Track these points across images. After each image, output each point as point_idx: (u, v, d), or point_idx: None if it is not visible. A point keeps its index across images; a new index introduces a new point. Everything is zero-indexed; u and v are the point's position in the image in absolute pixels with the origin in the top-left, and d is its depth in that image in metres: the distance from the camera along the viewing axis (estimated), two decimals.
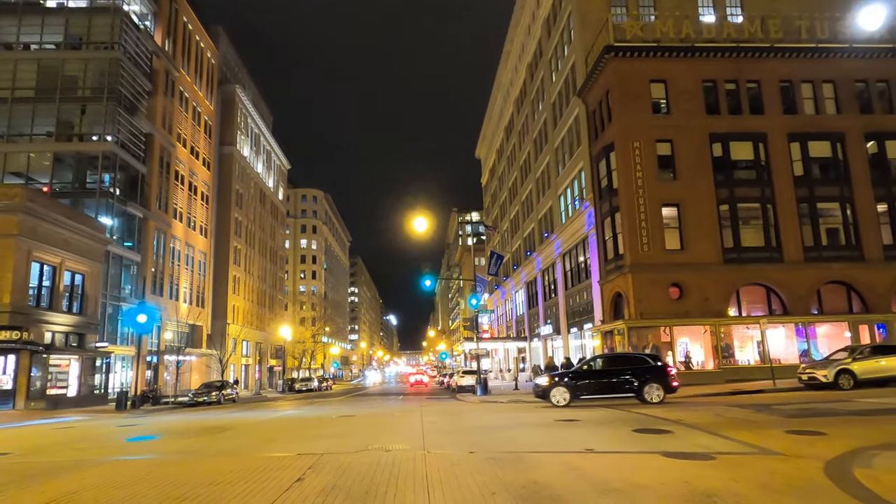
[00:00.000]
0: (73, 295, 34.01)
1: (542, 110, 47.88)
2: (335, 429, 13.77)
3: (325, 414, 19.54)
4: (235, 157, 64.54)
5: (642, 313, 28.79)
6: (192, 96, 52.84)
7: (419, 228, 28.81)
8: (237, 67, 72.54)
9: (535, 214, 51.35)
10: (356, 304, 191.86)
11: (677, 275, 29.36)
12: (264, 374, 75.25)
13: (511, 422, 13.91)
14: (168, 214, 46.97)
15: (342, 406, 26.49)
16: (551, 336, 46.19)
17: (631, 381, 18.41)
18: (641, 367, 18.58)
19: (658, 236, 29.66)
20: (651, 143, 30.64)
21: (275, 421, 17.26)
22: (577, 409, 17.02)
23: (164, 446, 11.42)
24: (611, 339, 31.95)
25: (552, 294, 46.38)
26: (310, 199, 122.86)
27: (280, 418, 18.46)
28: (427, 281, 28.12)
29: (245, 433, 13.50)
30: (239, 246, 64.94)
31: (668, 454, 8.69)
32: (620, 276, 30.33)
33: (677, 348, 29.07)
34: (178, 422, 19.06)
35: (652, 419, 13.25)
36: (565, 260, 42.31)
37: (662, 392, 18.08)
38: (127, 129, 40.61)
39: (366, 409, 21.92)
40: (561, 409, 17.64)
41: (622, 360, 19.64)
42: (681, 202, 30.12)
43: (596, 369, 19.42)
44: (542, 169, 48.51)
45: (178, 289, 49.03)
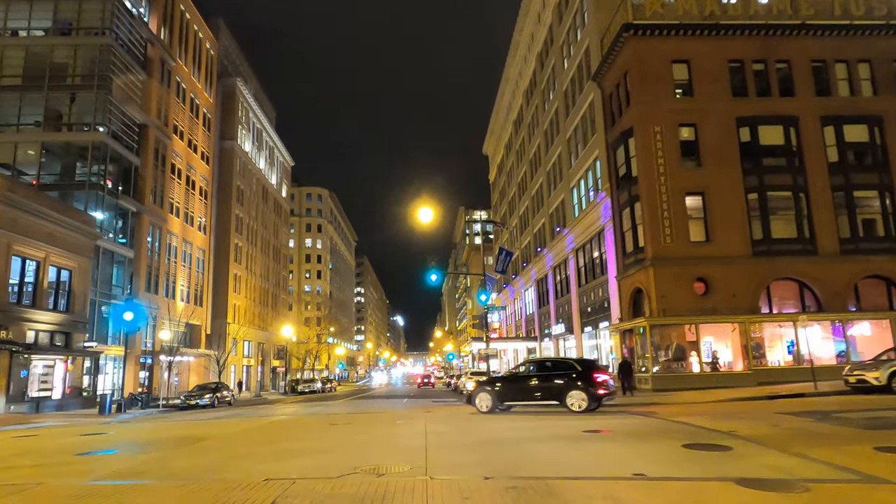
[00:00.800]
0: (58, 292, 32.20)
1: (553, 100, 45.79)
2: (324, 441, 11.76)
3: (320, 420, 17.54)
4: (236, 151, 62.76)
5: (665, 310, 26.66)
6: (189, 88, 51.04)
7: (424, 219, 26.79)
8: (238, 61, 70.81)
9: (545, 209, 49.25)
10: (362, 304, 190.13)
11: (703, 269, 27.21)
12: (267, 375, 73.45)
13: (530, 432, 11.85)
14: (164, 209, 45.14)
15: (341, 410, 24.51)
16: (563, 336, 44.05)
17: (556, 388, 17.36)
18: (567, 374, 17.47)
19: (682, 227, 27.53)
20: (673, 127, 28.51)
21: (259, 429, 15.26)
22: (607, 417, 14.95)
23: (111, 465, 9.44)
24: (630, 339, 29.81)
25: (564, 291, 44.25)
26: (315, 197, 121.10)
27: (266, 425, 16.47)
28: (433, 276, 26.03)
29: (217, 446, 11.51)
30: (240, 243, 63.14)
31: (744, 482, 6.64)
32: (641, 270, 28.20)
33: (702, 348, 26.92)
34: (154, 429, 17.12)
35: (699, 431, 11.16)
36: (578, 255, 40.18)
37: (586, 401, 16.71)
38: (119, 118, 38.80)
39: (365, 415, 19.92)
40: (586, 417, 15.54)
41: (552, 366, 18.72)
42: (706, 190, 27.96)
43: (524, 374, 18.86)
44: (553, 161, 46.42)
45: (175, 286, 47.19)
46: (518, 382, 18.51)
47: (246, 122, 67.31)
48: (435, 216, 26.37)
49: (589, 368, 17.55)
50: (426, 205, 26.82)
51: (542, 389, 17.74)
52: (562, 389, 17.18)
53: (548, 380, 17.80)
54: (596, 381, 16.98)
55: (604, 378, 17.22)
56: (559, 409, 17.21)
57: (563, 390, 17.14)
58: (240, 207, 63.28)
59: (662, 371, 26.31)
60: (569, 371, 17.64)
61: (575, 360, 18.83)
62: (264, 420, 19.02)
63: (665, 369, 26.44)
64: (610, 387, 17.38)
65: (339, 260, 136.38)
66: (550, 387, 17.54)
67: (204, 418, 22.20)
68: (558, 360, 19.43)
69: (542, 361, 19.85)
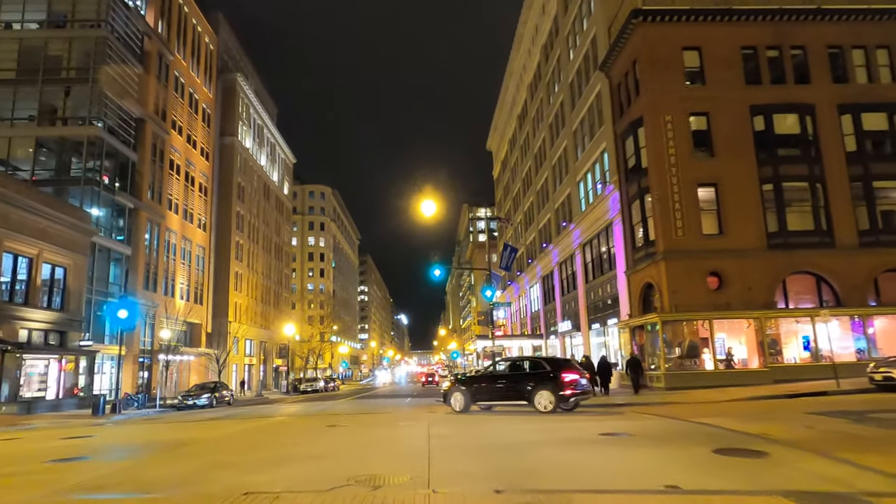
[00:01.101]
0: (53, 289, 31.42)
1: (559, 92, 44.81)
2: (319, 445, 10.87)
3: (318, 421, 16.67)
4: (237, 148, 61.91)
5: (677, 305, 25.69)
6: (188, 82, 50.20)
7: (428, 212, 25.89)
8: (239, 56, 69.94)
9: (551, 204, 48.28)
10: (366, 303, 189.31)
11: (716, 262, 26.23)
12: (269, 374, 72.70)
13: (543, 435, 10.93)
14: (162, 205, 44.32)
15: (342, 410, 23.65)
16: (570, 333, 43.11)
17: (525, 388, 17.12)
18: (536, 373, 17.34)
19: (694, 219, 26.55)
20: (684, 116, 27.52)
21: (252, 432, 14.39)
22: (623, 419, 14.03)
23: (78, 475, 8.54)
24: (640, 335, 28.85)
25: (571, 288, 43.28)
26: (317, 195, 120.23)
27: (261, 427, 15.60)
28: (437, 271, 25.13)
29: (202, 451, 10.62)
30: (241, 241, 62.32)
31: (795, 496, 5.73)
32: (651, 264, 27.23)
33: (716, 345, 25.94)
34: (142, 432, 16.28)
35: (727, 434, 10.23)
36: (585, 250, 39.21)
37: (553, 402, 16.42)
38: (115, 113, 37.97)
39: (366, 415, 19.04)
40: (601, 418, 14.64)
41: (522, 366, 18.75)
42: (719, 182, 26.97)
43: (496, 374, 18.89)
44: (558, 155, 45.44)
45: (174, 284, 46.38)
46: (490, 382, 18.45)
47: (246, 119, 66.47)
48: (438, 213, 25.48)
49: (558, 368, 17.27)
50: (429, 198, 25.94)
51: (512, 389, 17.62)
52: (531, 389, 16.95)
53: (518, 380, 17.69)
54: (564, 381, 16.68)
55: (572, 378, 16.86)
56: (577, 410, 16.38)
57: (532, 390, 16.92)
58: (241, 204, 62.46)
59: (675, 368, 25.35)
60: (538, 371, 17.49)
61: (545, 360, 18.55)
62: (261, 421, 18.15)
63: (678, 367, 25.48)
64: (581, 387, 17.04)
65: (342, 258, 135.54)
66: (520, 387, 17.34)
67: (198, 419, 21.35)
68: (529, 360, 19.19)
69: (514, 361, 19.74)
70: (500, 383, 18.14)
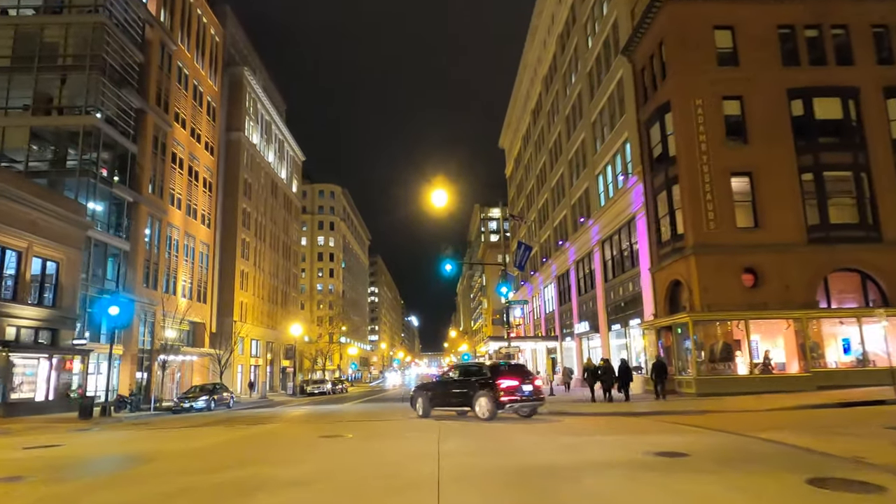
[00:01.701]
0: (44, 285, 29.87)
1: (576, 83, 42.84)
2: (308, 463, 9.04)
3: (315, 430, 14.85)
4: (243, 143, 60.40)
5: (709, 304, 23.65)
6: (192, 74, 48.69)
7: (438, 203, 24.03)
8: (247, 51, 68.52)
9: (567, 200, 46.29)
10: (376, 304, 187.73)
11: (751, 258, 24.17)
12: (276, 375, 71.10)
13: (580, 455, 9.01)
14: (164, 200, 42.77)
15: (346, 415, 21.84)
16: (588, 335, 41.06)
17: (468, 394, 17.28)
18: (478, 380, 17.32)
19: (727, 211, 24.51)
20: (716, 100, 25.49)
21: (235, 443, 12.57)
22: (667, 433, 12.07)
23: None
24: (667, 337, 26.82)
25: (589, 287, 41.26)
26: (327, 194, 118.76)
27: (247, 438, 13.79)
28: (448, 265, 23.26)
29: (163, 472, 8.79)
30: (247, 238, 60.77)
31: None
32: (680, 259, 25.21)
33: (750, 347, 23.86)
34: (115, 441, 14.54)
35: (806, 455, 8.26)
36: (605, 247, 37.20)
37: (491, 408, 16.44)
38: (114, 102, 36.44)
39: (370, 423, 17.22)
40: (647, 433, 12.70)
41: (468, 372, 18.63)
42: (754, 171, 24.91)
43: (449, 380, 19.12)
44: (575, 148, 43.46)
45: (176, 282, 44.81)
46: (444, 387, 18.76)
47: (254, 114, 64.98)
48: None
49: (495, 374, 17.07)
50: (439, 188, 24.09)
51: (459, 395, 17.79)
52: (472, 395, 17.06)
53: (464, 385, 17.77)
54: (500, 387, 16.48)
55: (509, 385, 16.59)
56: (599, 414, 14.44)
57: (473, 396, 17.04)
58: (247, 201, 60.93)
59: (707, 373, 23.29)
60: (479, 377, 17.52)
61: (488, 367, 18.37)
62: (252, 429, 16.34)
63: (710, 371, 23.42)
64: (523, 394, 16.71)
65: (352, 258, 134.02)
66: (465, 393, 17.46)
67: (187, 425, 19.61)
68: (474, 366, 19.25)
69: (465, 367, 19.84)
70: (451, 390, 18.26)
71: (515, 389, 16.68)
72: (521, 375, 17.39)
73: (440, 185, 24.09)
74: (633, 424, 14.23)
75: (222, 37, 56.71)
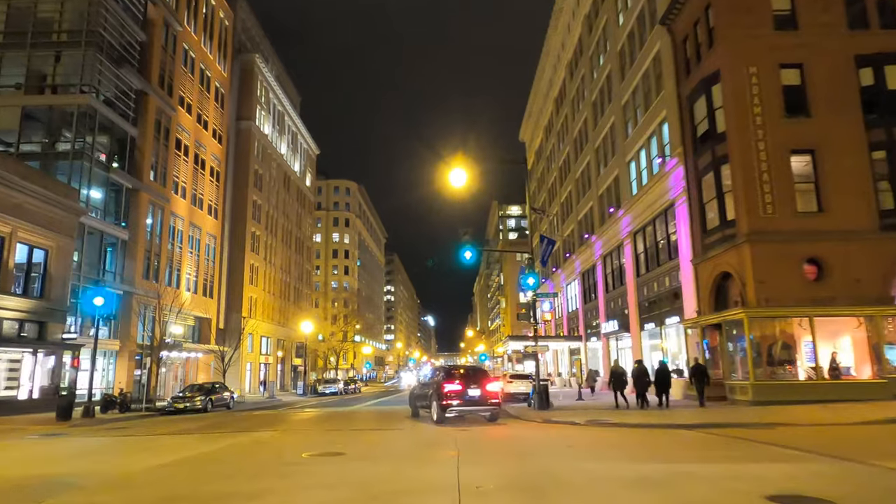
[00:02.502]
0: (30, 274, 27.67)
1: (604, 64, 39.90)
2: (276, 496, 6.37)
3: (310, 442, 12.25)
4: (254, 133, 58.17)
5: (766, 299, 20.66)
6: (199, 58, 46.45)
7: (457, 183, 21.33)
8: (259, 38, 66.35)
9: (593, 191, 43.35)
10: (392, 303, 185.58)
11: (814, 247, 21.16)
12: (288, 374, 68.88)
13: (672, 498, 6.23)
14: (167, 188, 40.52)
15: (352, 419, 19.24)
16: (617, 334, 38.09)
17: (430, 397, 17.81)
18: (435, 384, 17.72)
19: (786, 194, 21.50)
20: (773, 68, 22.47)
21: (191, 464, 9.93)
22: (749, 461, 9.24)
23: None
24: (713, 336, 23.87)
25: (618, 283, 38.29)
26: (342, 190, 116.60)
27: (225, 451, 11.23)
28: (467, 252, 20.57)
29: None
30: (258, 232, 58.54)
31: None
32: (731, 249, 22.24)
33: (816, 349, 20.83)
34: (73, 451, 12.08)
35: None
36: (636, 239, 34.24)
37: (437, 413, 16.95)
38: (112, 82, 34.23)
39: (376, 433, 14.59)
40: (732, 460, 9.89)
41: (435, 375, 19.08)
42: (816, 148, 21.87)
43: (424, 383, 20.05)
44: (603, 134, 40.52)
45: (180, 275, 42.57)
46: (422, 390, 19.43)
47: (266, 104, 62.76)
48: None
49: (445, 379, 17.44)
50: (458, 167, 21.38)
51: (425, 398, 18.42)
52: (431, 399, 17.54)
53: (429, 388, 18.32)
54: (443, 392, 16.82)
55: (451, 389, 16.85)
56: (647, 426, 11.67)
57: (429, 400, 17.65)
58: (258, 193, 58.69)
59: (763, 377, 20.30)
60: (436, 381, 17.78)
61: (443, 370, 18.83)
62: (232, 440, 13.75)
63: (767, 375, 20.43)
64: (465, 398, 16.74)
65: (367, 256, 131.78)
66: (429, 395, 17.89)
67: (167, 431, 17.12)
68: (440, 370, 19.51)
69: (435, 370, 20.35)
70: (425, 391, 18.79)
71: (459, 394, 16.82)
72: (467, 380, 17.31)
73: (459, 165, 21.39)
74: (699, 442, 11.42)
75: (232, 21, 54.47)
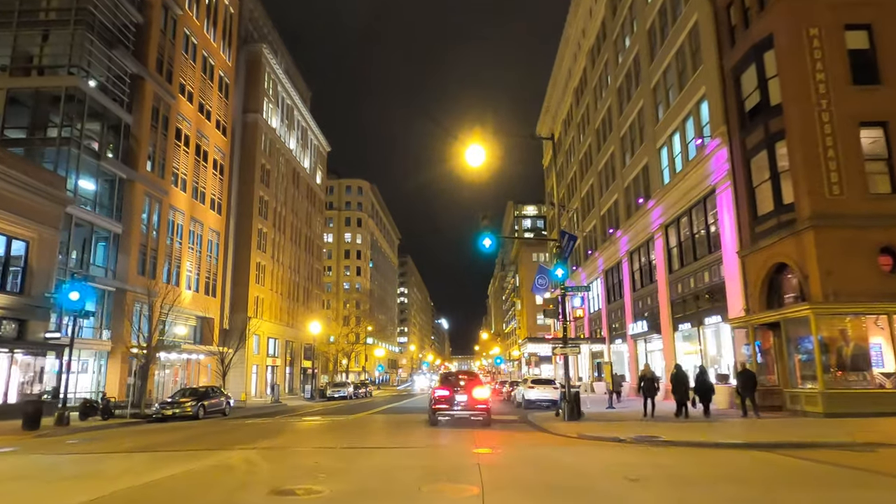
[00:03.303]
0: (8, 267, 25.39)
1: (631, 45, 37.09)
2: None
3: (292, 470, 9.65)
4: (261, 126, 55.95)
5: (834, 293, 17.78)
6: (202, 44, 44.23)
7: (474, 162, 18.70)
8: (267, 30, 64.25)
9: (618, 183, 40.50)
10: (406, 305, 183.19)
11: (889, 234, 18.25)
12: (296, 376, 66.50)
13: None
14: (165, 180, 38.24)
15: (354, 432, 16.63)
16: (645, 336, 35.19)
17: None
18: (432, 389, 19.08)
19: (855, 173, 18.62)
20: (837, 30, 19.61)
21: (141, 497, 7.34)
22: None
23: None
24: (765, 337, 20.97)
25: (647, 280, 35.41)
26: (355, 189, 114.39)
27: (154, 487, 8.62)
28: (487, 240, 17.91)
29: None
30: (265, 229, 56.25)
31: None
32: (789, 236, 19.36)
33: (880, 350, 17.91)
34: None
35: None
36: (669, 232, 31.38)
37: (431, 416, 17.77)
38: (104, 64, 32.05)
39: (379, 452, 11.94)
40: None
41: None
42: (891, 119, 18.98)
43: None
44: (630, 121, 37.70)
45: (180, 272, 40.27)
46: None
47: (274, 96, 60.54)
48: (486, 149, 18.21)
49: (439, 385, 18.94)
50: (476, 142, 18.73)
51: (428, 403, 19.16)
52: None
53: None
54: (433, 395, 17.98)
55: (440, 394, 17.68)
56: (709, 445, 8.92)
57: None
58: (265, 189, 56.43)
59: (834, 384, 17.38)
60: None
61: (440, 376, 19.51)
62: (186, 465, 11.10)
63: (838, 382, 17.51)
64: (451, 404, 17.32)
65: (380, 257, 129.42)
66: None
67: (135, 446, 14.62)
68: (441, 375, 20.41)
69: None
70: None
71: (446, 399, 17.54)
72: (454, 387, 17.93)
73: (477, 141, 18.75)
74: (806, 475, 8.61)
75: (237, 9, 52.29)
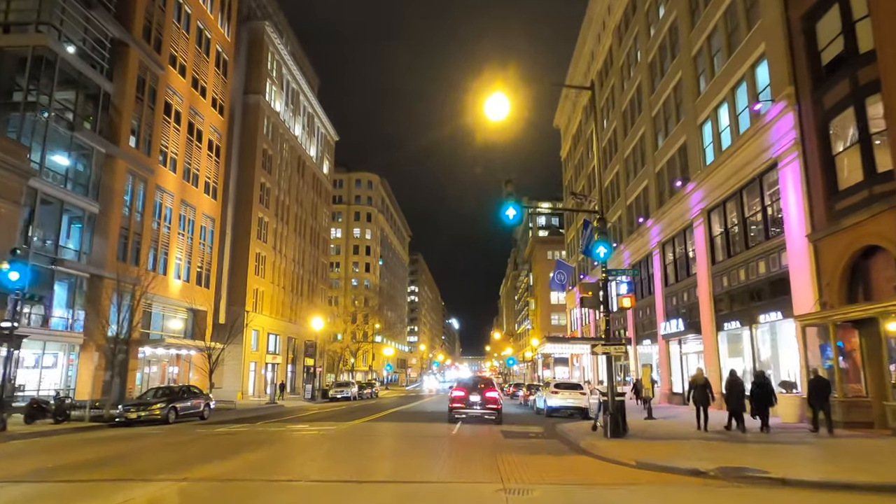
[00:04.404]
0: None
1: (667, 13, 33.33)
2: None
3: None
4: (263, 109, 52.63)
5: None
6: (196, 14, 40.87)
7: (494, 116, 15.09)
8: (273, 10, 60.96)
9: (649, 168, 36.73)
10: (416, 303, 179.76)
11: None
12: (299, 375, 63.19)
13: None
14: (151, 157, 34.89)
15: (345, 448, 13.07)
16: (681, 336, 31.34)
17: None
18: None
19: None
20: None
21: None
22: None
23: None
24: (848, 338, 17.14)
25: (682, 273, 31.65)
26: (364, 183, 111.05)
27: None
28: (510, 210, 14.39)
29: None
30: (266, 218, 52.93)
31: None
32: (885, 212, 15.56)
33: None
34: None
35: None
36: (712, 218, 27.61)
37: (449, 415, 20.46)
38: (80, 24, 28.81)
39: (369, 487, 8.35)
40: None
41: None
42: None
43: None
44: (664, 97, 33.95)
45: (168, 259, 36.91)
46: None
47: (277, 78, 57.21)
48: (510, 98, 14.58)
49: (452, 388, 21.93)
50: (498, 90, 15.08)
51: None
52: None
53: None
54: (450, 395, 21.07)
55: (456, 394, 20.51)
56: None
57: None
58: (266, 175, 53.10)
59: None
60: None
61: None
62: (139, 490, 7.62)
63: None
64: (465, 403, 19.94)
65: (390, 254, 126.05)
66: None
67: (70, 460, 11.20)
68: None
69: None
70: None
71: (461, 399, 19.75)
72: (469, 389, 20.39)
73: (497, 87, 15.12)
74: None
75: None
